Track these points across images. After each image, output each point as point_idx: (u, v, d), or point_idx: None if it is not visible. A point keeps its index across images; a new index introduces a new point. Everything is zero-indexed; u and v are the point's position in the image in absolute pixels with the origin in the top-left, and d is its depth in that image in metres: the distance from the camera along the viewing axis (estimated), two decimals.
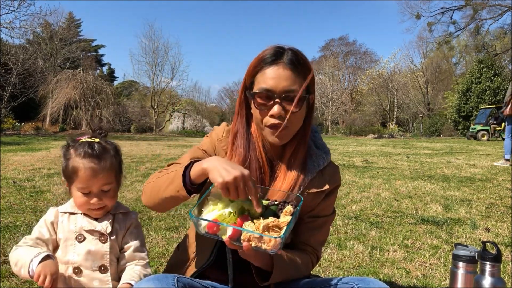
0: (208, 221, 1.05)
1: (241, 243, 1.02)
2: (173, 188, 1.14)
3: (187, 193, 1.14)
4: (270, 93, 1.20)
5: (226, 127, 1.39)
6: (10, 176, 5.37)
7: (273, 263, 1.18)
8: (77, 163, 1.30)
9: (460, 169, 6.90)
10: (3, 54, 19.77)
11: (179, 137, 21.46)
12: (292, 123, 1.23)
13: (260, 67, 1.22)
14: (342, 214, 3.60)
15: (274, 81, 1.19)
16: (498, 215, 3.68)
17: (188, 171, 1.14)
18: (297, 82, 1.21)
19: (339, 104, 37.18)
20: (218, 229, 1.04)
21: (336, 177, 1.39)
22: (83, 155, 1.30)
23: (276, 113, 1.19)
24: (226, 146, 1.34)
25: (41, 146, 11.23)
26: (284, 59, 1.21)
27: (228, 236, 1.02)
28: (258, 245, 1.01)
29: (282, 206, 1.13)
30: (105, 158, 1.32)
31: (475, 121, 23.19)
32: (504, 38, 30.36)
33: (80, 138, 1.37)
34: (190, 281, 1.20)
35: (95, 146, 1.33)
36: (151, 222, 3.24)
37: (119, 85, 38.70)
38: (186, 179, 1.13)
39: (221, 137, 1.36)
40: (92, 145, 1.33)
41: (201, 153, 1.36)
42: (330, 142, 16.50)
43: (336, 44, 46.12)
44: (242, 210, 1.08)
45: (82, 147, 1.32)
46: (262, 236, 1.01)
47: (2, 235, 2.76)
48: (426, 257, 2.53)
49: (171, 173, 1.18)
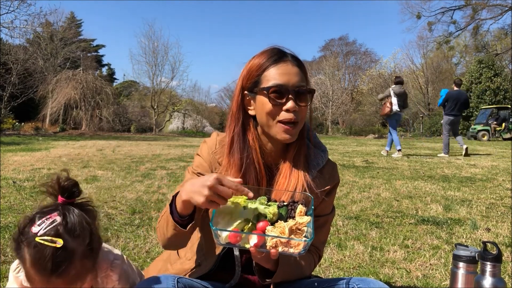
0: (229, 231, 1.03)
1: (267, 249, 1.01)
2: (170, 228, 1.15)
3: (182, 228, 1.13)
4: (283, 88, 1.21)
5: (217, 138, 1.36)
6: (10, 176, 5.36)
7: (278, 262, 1.18)
8: (25, 266, 1.00)
9: (461, 169, 6.90)
10: (3, 54, 19.78)
11: (179, 137, 21.46)
12: (302, 119, 1.26)
13: (267, 65, 1.23)
14: (342, 214, 3.60)
15: (286, 77, 1.22)
16: (499, 215, 3.67)
17: (174, 207, 1.14)
18: (304, 79, 1.25)
19: (339, 104, 37.19)
20: (240, 239, 1.03)
21: (335, 175, 1.39)
22: (34, 263, 0.98)
23: (292, 107, 1.20)
24: (221, 157, 1.31)
25: (41, 146, 11.23)
26: (289, 57, 1.25)
27: (253, 244, 1.01)
28: (285, 250, 1.01)
29: (292, 206, 1.12)
30: (64, 270, 0.98)
31: (475, 121, 23.19)
32: (504, 39, 30.37)
33: (37, 230, 1.00)
34: (190, 282, 1.20)
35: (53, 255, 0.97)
36: (151, 222, 3.23)
37: (119, 85, 38.69)
38: (175, 216, 1.13)
39: (215, 149, 1.33)
40: (46, 252, 0.97)
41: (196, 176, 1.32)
42: (330, 142, 16.50)
43: (336, 44, 46.22)
44: (258, 216, 1.07)
45: (35, 252, 0.98)
46: (289, 241, 1.00)
47: (2, 235, 2.76)
48: (427, 257, 2.53)
49: (164, 214, 1.19)
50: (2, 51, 19.80)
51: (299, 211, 1.09)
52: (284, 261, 1.19)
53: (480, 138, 20.53)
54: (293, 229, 1.03)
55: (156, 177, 5.58)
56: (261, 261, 1.14)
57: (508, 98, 25.77)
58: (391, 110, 9.31)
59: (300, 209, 1.09)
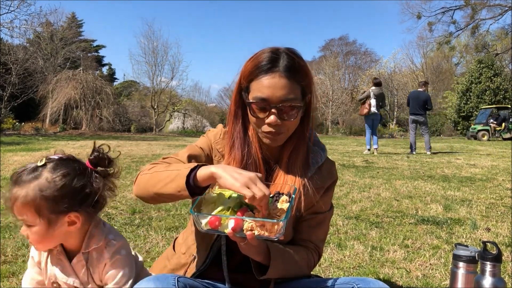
0: (209, 215, 1.05)
1: (244, 234, 1.03)
2: (174, 187, 1.13)
3: (189, 194, 1.13)
4: (266, 102, 1.19)
5: (222, 129, 1.39)
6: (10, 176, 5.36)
7: (271, 256, 1.19)
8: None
9: (461, 169, 6.90)
10: (3, 54, 19.77)
11: (179, 137, 21.44)
12: (287, 129, 1.25)
13: (256, 74, 1.21)
14: (342, 214, 3.60)
15: (270, 90, 1.18)
16: (499, 215, 3.67)
17: (194, 173, 1.12)
18: (293, 91, 1.20)
19: (339, 104, 37.15)
20: (219, 224, 1.05)
21: (333, 173, 1.41)
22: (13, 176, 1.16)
23: (273, 121, 1.20)
24: (222, 148, 1.35)
25: (41, 146, 11.22)
26: (280, 66, 1.19)
27: (230, 228, 1.03)
28: (261, 233, 1.03)
29: (277, 197, 1.15)
30: (22, 187, 1.12)
31: (475, 121, 23.16)
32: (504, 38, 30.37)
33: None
34: (191, 281, 1.20)
35: (31, 169, 1.15)
36: (151, 222, 3.24)
37: (119, 85, 38.68)
38: (190, 180, 1.11)
39: (218, 139, 1.37)
40: (33, 167, 1.15)
41: (199, 150, 1.36)
42: (330, 142, 16.49)
43: (336, 44, 46.17)
44: (240, 205, 1.09)
45: (22, 169, 1.16)
46: (265, 224, 1.02)
47: (2, 235, 2.76)
48: (426, 257, 2.53)
49: (173, 171, 1.16)
50: (2, 51, 19.79)
51: (282, 200, 1.12)
52: (275, 254, 1.20)
53: (480, 138, 20.51)
54: (271, 215, 1.05)
55: None
56: (248, 252, 1.14)
57: (508, 98, 25.75)
58: (369, 111, 9.85)
59: (283, 198, 1.12)
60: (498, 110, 22.79)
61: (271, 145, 1.28)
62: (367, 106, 9.84)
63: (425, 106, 10.21)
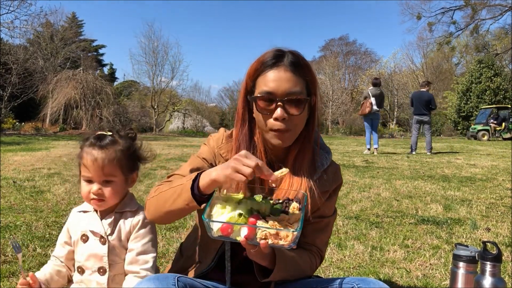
0: (222, 222, 1.04)
1: (257, 242, 1.02)
2: (182, 201, 1.13)
3: (197, 204, 1.12)
4: (272, 96, 1.19)
5: (224, 133, 1.38)
6: (10, 176, 5.37)
7: (276, 260, 1.18)
8: (83, 152, 1.36)
9: (461, 169, 6.89)
10: (3, 54, 19.76)
11: (179, 137, 21.44)
12: (295, 126, 1.24)
13: (261, 70, 1.22)
14: (343, 214, 3.60)
15: (275, 83, 1.19)
16: (499, 215, 3.67)
17: (197, 182, 1.12)
18: (299, 84, 1.21)
19: (339, 104, 37.14)
20: (232, 231, 1.04)
21: (338, 176, 1.40)
22: (89, 144, 1.35)
23: (280, 116, 1.19)
24: (225, 153, 1.33)
25: (41, 146, 11.22)
26: (285, 61, 1.21)
27: (243, 236, 1.02)
28: (274, 242, 1.02)
29: (287, 203, 1.13)
30: (109, 149, 1.34)
31: (475, 121, 23.15)
32: (504, 38, 30.35)
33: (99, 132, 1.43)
34: (191, 281, 1.20)
35: (103, 137, 1.36)
36: None
37: (119, 85, 38.66)
38: (195, 190, 1.11)
39: (221, 144, 1.35)
40: (101, 136, 1.37)
41: (201, 161, 1.34)
42: (330, 142, 16.48)
43: (336, 44, 46.16)
44: (251, 211, 1.08)
45: (92, 138, 1.37)
46: (279, 233, 1.01)
47: (2, 235, 2.76)
48: (427, 257, 2.53)
49: (176, 186, 1.16)
50: (2, 51, 19.79)
51: (293, 207, 1.11)
52: (281, 258, 1.19)
53: (480, 138, 20.50)
54: (284, 223, 1.04)
55: (156, 177, 5.58)
56: (256, 257, 1.14)
57: (508, 98, 25.74)
58: (371, 109, 9.91)
59: (294, 205, 1.11)
60: (498, 110, 22.78)
61: (279, 146, 1.26)
62: (368, 105, 9.89)
63: (429, 106, 10.19)
